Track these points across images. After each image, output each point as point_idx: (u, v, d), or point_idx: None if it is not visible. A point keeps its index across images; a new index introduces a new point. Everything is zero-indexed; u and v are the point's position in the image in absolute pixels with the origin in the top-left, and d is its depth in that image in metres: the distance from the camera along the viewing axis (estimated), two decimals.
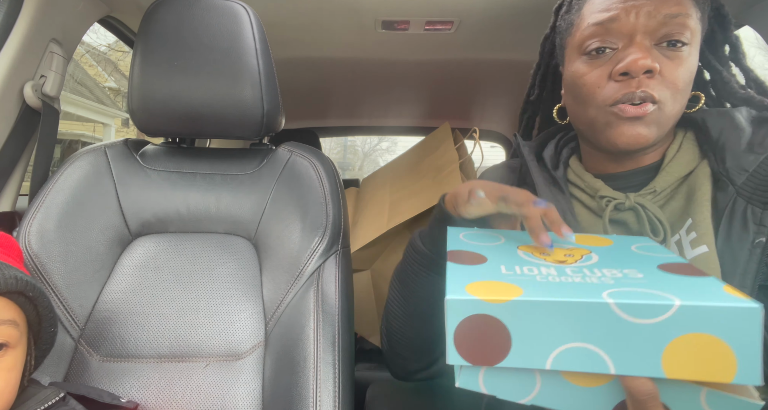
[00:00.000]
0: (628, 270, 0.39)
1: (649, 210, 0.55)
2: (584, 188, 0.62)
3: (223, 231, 0.78)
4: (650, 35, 0.52)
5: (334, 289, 0.73)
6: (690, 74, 0.52)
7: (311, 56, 1.37)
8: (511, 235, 0.51)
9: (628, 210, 0.57)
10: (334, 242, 0.76)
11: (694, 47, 0.53)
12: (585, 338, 0.33)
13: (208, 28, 0.75)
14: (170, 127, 0.79)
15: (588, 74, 0.56)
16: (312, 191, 0.78)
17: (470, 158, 1.43)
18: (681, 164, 0.57)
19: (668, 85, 0.52)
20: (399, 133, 2.37)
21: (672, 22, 0.51)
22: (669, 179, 0.57)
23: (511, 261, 0.43)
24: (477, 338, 0.35)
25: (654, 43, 0.52)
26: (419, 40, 1.25)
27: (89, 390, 0.55)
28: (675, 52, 0.52)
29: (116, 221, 0.76)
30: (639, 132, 0.53)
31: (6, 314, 0.46)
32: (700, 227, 0.52)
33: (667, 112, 0.53)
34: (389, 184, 1.53)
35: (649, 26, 0.52)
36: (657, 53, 0.52)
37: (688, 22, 0.51)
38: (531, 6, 1.02)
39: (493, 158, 1.82)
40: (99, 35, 8.97)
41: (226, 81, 0.75)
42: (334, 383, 0.67)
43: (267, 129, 0.79)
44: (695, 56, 0.53)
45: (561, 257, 0.43)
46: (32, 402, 0.48)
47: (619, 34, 0.53)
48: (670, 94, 0.52)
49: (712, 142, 0.56)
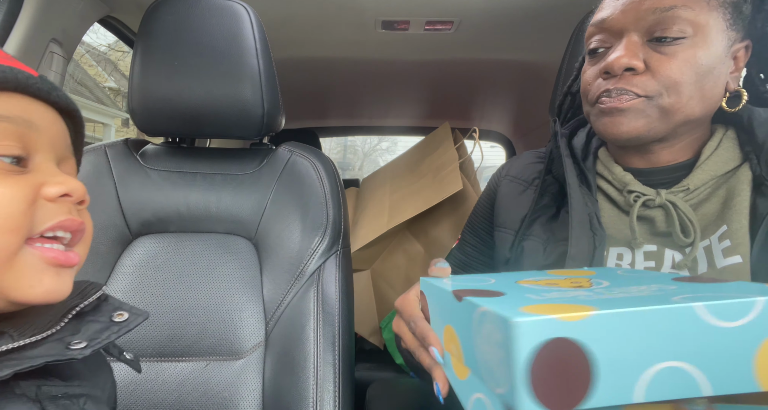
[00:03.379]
0: (656, 285, 0.35)
1: (680, 209, 0.53)
2: (612, 181, 0.59)
3: (223, 231, 0.78)
4: (642, 32, 0.51)
5: (335, 289, 0.73)
6: (696, 68, 0.50)
7: (311, 56, 1.37)
8: (500, 276, 0.44)
9: (658, 208, 0.55)
10: (334, 242, 0.76)
11: (703, 40, 0.50)
12: (675, 355, 0.28)
13: (209, 28, 0.75)
14: (170, 127, 0.79)
15: (586, 72, 0.57)
16: (312, 191, 0.78)
17: (470, 157, 1.43)
18: (719, 162, 0.54)
19: (662, 80, 0.50)
20: (399, 133, 2.37)
21: (664, 17, 0.49)
22: (704, 178, 0.54)
23: (530, 291, 0.35)
24: (557, 373, 0.27)
25: (647, 39, 0.51)
26: (419, 40, 1.25)
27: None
28: (669, 46, 0.50)
29: (116, 220, 0.76)
30: (621, 122, 0.53)
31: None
32: (736, 235, 0.50)
33: (665, 105, 0.51)
34: (389, 184, 1.53)
35: (640, 23, 0.51)
36: (648, 50, 0.51)
37: (687, 15, 0.49)
38: (531, 6, 1.02)
39: (493, 158, 1.83)
40: (99, 35, 8.97)
41: (227, 81, 0.75)
42: (334, 383, 0.67)
43: (267, 129, 0.79)
44: (707, 49, 0.50)
45: (571, 285, 0.38)
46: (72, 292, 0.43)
47: (611, 33, 0.54)
48: (667, 88, 0.50)
49: (756, 144, 0.53)
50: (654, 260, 0.55)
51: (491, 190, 0.73)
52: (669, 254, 0.54)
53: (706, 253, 0.52)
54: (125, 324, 0.40)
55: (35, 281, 0.34)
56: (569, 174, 0.59)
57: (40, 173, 0.35)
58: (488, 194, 0.74)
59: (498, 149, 2.17)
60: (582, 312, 0.27)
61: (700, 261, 0.52)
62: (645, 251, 0.55)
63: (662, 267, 0.54)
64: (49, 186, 0.35)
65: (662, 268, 0.54)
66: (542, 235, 0.62)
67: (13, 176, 0.33)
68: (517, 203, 0.67)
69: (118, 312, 0.41)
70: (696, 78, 0.50)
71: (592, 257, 0.56)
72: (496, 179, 0.74)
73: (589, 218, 0.57)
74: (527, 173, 0.69)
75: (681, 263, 0.53)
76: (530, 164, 0.71)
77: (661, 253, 0.54)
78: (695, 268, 0.52)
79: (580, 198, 0.58)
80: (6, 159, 0.33)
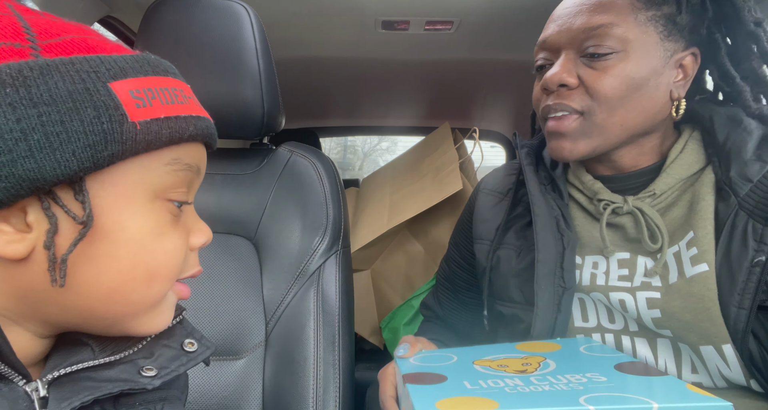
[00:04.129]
0: (590, 374, 0.40)
1: (647, 215, 0.54)
2: (583, 190, 0.61)
3: (223, 231, 0.78)
4: (575, 49, 0.54)
5: (335, 289, 0.73)
6: (628, 82, 0.52)
7: (311, 56, 1.37)
8: (463, 352, 0.49)
9: (627, 214, 0.56)
10: (334, 242, 0.76)
11: (634, 54, 0.52)
12: None
13: (209, 28, 0.75)
14: None
15: (535, 89, 0.60)
16: (312, 191, 0.78)
17: (470, 157, 1.43)
18: (683, 166, 0.55)
19: (594, 95, 0.53)
20: (399, 133, 2.37)
21: (593, 36, 0.52)
22: (669, 182, 0.55)
23: (473, 376, 0.41)
24: None
25: (581, 55, 0.54)
26: (419, 40, 1.25)
27: None
28: (600, 62, 0.52)
29: None
30: (563, 146, 0.55)
31: None
32: (702, 242, 0.50)
33: (599, 121, 0.53)
34: (389, 184, 1.53)
35: (574, 41, 0.54)
36: (582, 66, 0.54)
37: (614, 32, 0.51)
38: (531, 6, 1.02)
39: (493, 158, 1.83)
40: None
41: (227, 81, 0.75)
42: (334, 383, 0.67)
43: (267, 129, 0.79)
44: (639, 63, 0.52)
45: (520, 367, 0.43)
46: None
47: (551, 51, 0.57)
48: (599, 104, 0.52)
49: (718, 146, 0.54)
50: (627, 268, 0.55)
51: (470, 205, 0.75)
52: (641, 261, 0.55)
53: (676, 260, 0.53)
54: (194, 356, 0.39)
55: (164, 318, 0.36)
56: (530, 182, 0.62)
57: (188, 217, 0.37)
58: (467, 210, 0.76)
59: (498, 149, 2.17)
60: (485, 409, 0.32)
61: (671, 269, 0.52)
62: (618, 259, 0.56)
63: (635, 275, 0.55)
64: (196, 236, 0.37)
65: (635, 276, 0.55)
66: (515, 242, 0.64)
67: (175, 222, 0.34)
68: (493, 214, 0.69)
69: (189, 341, 0.40)
70: (628, 92, 0.52)
71: (561, 260, 0.56)
72: (474, 194, 0.76)
73: (556, 221, 0.58)
74: (502, 185, 0.71)
75: (651, 270, 0.53)
76: (506, 175, 0.73)
77: (634, 261, 0.55)
78: (666, 276, 0.53)
79: (542, 203, 0.60)
80: (177, 204, 0.34)
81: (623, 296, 0.54)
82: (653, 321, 0.52)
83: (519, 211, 0.66)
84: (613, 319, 0.56)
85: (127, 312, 0.33)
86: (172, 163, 0.32)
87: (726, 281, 0.48)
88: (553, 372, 0.41)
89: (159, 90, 0.31)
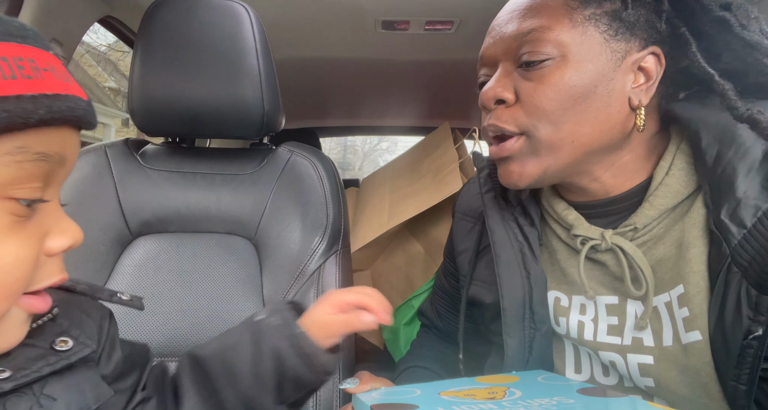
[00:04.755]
0: (558, 398, 0.39)
1: (629, 255, 0.47)
2: (558, 220, 0.53)
3: (223, 231, 0.78)
4: (511, 60, 0.48)
5: (335, 289, 0.73)
6: (570, 90, 0.45)
7: (311, 56, 1.37)
8: (425, 386, 0.46)
9: (608, 251, 0.49)
10: (334, 242, 0.76)
11: (574, 58, 0.45)
12: None
13: (209, 28, 0.75)
14: (170, 127, 0.79)
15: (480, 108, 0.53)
16: (312, 191, 0.78)
17: (470, 157, 1.43)
18: (668, 194, 0.47)
19: (531, 112, 0.46)
20: (399, 133, 2.38)
21: (525, 42, 0.46)
22: (652, 214, 0.47)
23: (444, 404, 0.39)
24: None
25: (516, 66, 0.48)
26: (419, 40, 1.25)
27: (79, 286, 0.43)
28: (535, 71, 0.46)
29: (116, 220, 0.76)
30: (511, 170, 0.48)
31: None
32: (693, 303, 0.43)
33: (543, 138, 0.46)
34: (389, 184, 1.53)
35: (508, 52, 0.48)
36: (518, 78, 0.47)
37: (545, 35, 0.45)
38: None
39: None
40: (99, 35, 8.97)
41: (227, 81, 0.75)
42: (333, 383, 0.67)
43: (267, 129, 0.79)
44: (580, 68, 0.45)
45: (487, 395, 0.41)
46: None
47: (489, 65, 0.51)
48: (538, 119, 0.46)
49: (707, 169, 0.44)
50: (616, 316, 0.49)
51: (452, 229, 0.69)
52: (631, 309, 0.48)
53: (668, 313, 0.46)
54: (67, 355, 0.34)
55: (12, 336, 0.30)
56: (489, 215, 0.55)
57: (45, 216, 0.30)
58: (451, 233, 0.70)
59: None
60: None
61: (665, 326, 0.46)
62: (606, 304, 0.50)
63: (625, 327, 0.48)
64: (53, 239, 0.30)
65: (625, 328, 0.48)
66: (487, 279, 0.58)
67: (20, 225, 0.28)
68: (466, 244, 0.64)
69: (62, 339, 0.34)
70: (570, 102, 0.45)
71: (530, 301, 0.51)
72: (453, 216, 0.69)
73: (522, 256, 0.52)
74: (474, 207, 0.64)
75: (639, 323, 0.46)
76: (478, 193, 0.62)
77: (623, 308, 0.49)
78: (660, 333, 0.46)
79: (505, 239, 0.53)
80: (24, 202, 0.28)
81: (614, 357, 0.48)
82: (647, 388, 0.47)
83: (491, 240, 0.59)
84: (608, 373, 0.50)
85: None
86: (14, 153, 0.27)
87: (721, 352, 0.41)
88: (522, 397, 0.40)
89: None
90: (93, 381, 0.36)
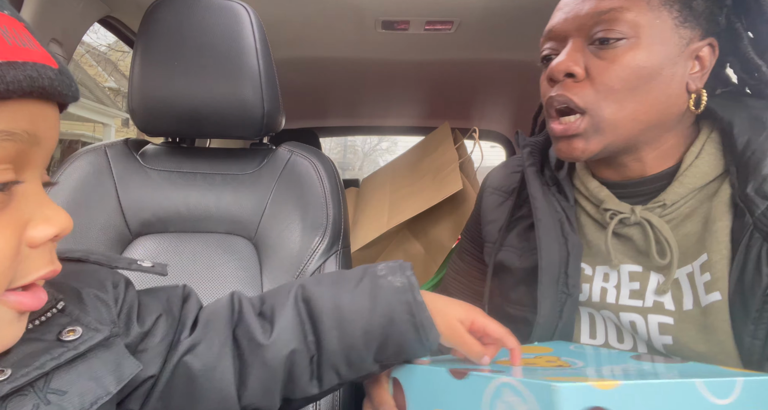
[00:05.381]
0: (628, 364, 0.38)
1: (656, 228, 0.50)
2: (589, 196, 0.57)
3: (223, 231, 0.78)
4: (584, 36, 0.51)
5: None
6: (639, 71, 0.48)
7: (311, 56, 1.37)
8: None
9: (635, 225, 0.53)
10: (334, 242, 0.76)
11: (646, 41, 0.48)
12: None
13: (209, 27, 0.75)
14: (170, 127, 0.79)
15: (542, 82, 0.56)
16: (312, 191, 0.78)
17: (470, 157, 1.43)
18: (698, 174, 0.51)
19: (600, 90, 0.49)
20: (399, 133, 2.38)
21: (603, 19, 0.48)
22: (681, 192, 0.51)
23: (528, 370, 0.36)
24: None
25: (589, 43, 0.50)
26: (419, 40, 1.25)
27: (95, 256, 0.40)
28: (609, 50, 0.49)
29: (116, 220, 0.76)
30: (575, 146, 0.51)
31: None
32: (716, 268, 0.47)
33: (607, 117, 0.49)
34: (389, 184, 1.53)
35: (582, 28, 0.50)
36: (590, 55, 0.50)
37: (623, 16, 0.48)
38: (531, 6, 1.02)
39: (492, 158, 1.83)
40: (99, 35, 8.97)
41: (227, 81, 0.75)
42: None
43: (267, 129, 0.79)
44: (651, 51, 0.48)
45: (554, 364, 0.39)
46: None
47: (558, 40, 0.54)
48: (605, 98, 0.49)
49: (736, 154, 0.49)
50: (638, 281, 0.52)
51: (478, 201, 0.73)
52: (654, 277, 0.52)
53: (690, 282, 0.49)
54: (74, 346, 0.31)
55: (3, 337, 0.28)
56: (532, 185, 0.59)
57: (24, 203, 0.27)
58: (476, 208, 0.74)
59: (498, 149, 2.17)
60: (612, 382, 0.28)
61: (686, 293, 0.50)
62: (630, 272, 0.53)
63: (647, 291, 0.51)
64: (35, 228, 0.27)
65: (647, 292, 0.51)
66: (518, 245, 0.61)
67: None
68: (496, 215, 0.67)
69: (69, 329, 0.32)
70: (639, 82, 0.48)
71: (566, 266, 0.53)
72: (481, 191, 0.73)
73: (560, 225, 0.55)
74: (507, 184, 0.69)
75: (661, 288, 0.50)
76: (511, 173, 0.69)
77: (646, 275, 0.52)
78: (680, 300, 0.50)
79: (545, 206, 0.56)
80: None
81: (634, 317, 0.51)
82: (664, 346, 0.50)
83: (523, 212, 0.64)
84: (622, 339, 0.53)
85: None
86: None
87: (739, 309, 0.45)
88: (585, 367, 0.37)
89: None
90: (111, 362, 0.33)
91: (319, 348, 0.40)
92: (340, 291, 0.41)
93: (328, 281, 0.43)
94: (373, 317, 0.39)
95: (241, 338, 0.41)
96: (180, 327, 0.41)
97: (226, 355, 0.40)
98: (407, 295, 0.40)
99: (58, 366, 0.30)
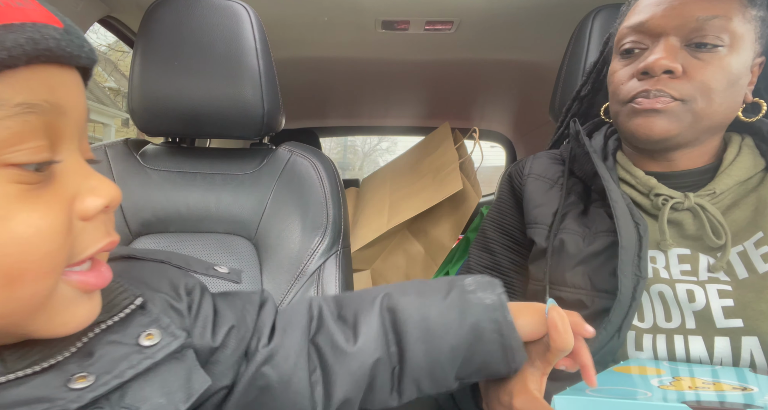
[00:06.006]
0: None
1: (709, 212, 0.54)
2: (635, 185, 0.60)
3: (223, 231, 0.78)
4: (681, 36, 0.53)
5: (335, 289, 0.73)
6: (728, 76, 0.52)
7: (311, 56, 1.37)
8: (636, 385, 0.40)
9: (685, 211, 0.56)
10: (334, 242, 0.76)
11: (737, 49, 0.52)
12: None
13: (209, 28, 0.75)
14: (170, 127, 0.79)
15: (618, 72, 0.58)
16: (312, 191, 0.78)
17: (470, 157, 1.43)
18: (741, 168, 0.56)
19: (697, 85, 0.52)
20: (399, 133, 2.37)
21: (706, 25, 0.51)
22: (728, 182, 0.55)
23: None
24: None
25: (685, 44, 0.53)
26: (419, 40, 1.25)
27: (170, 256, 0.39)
28: (705, 53, 0.52)
29: (116, 220, 0.76)
30: (655, 123, 0.54)
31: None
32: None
33: (697, 110, 0.52)
34: (389, 184, 1.53)
35: (681, 28, 0.52)
36: (686, 54, 0.53)
37: (726, 24, 0.51)
38: (531, 6, 1.02)
39: (493, 158, 1.83)
40: (99, 35, 8.98)
41: (227, 81, 0.75)
42: None
43: (267, 129, 0.79)
44: (739, 59, 0.52)
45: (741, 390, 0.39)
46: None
47: (649, 35, 0.55)
48: (701, 93, 0.52)
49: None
50: (689, 263, 0.55)
51: (515, 189, 0.73)
52: (704, 258, 0.54)
53: (742, 259, 0.53)
54: (151, 353, 0.29)
55: (69, 317, 0.26)
56: (601, 168, 0.60)
57: (67, 178, 0.26)
58: (512, 194, 0.73)
59: (498, 149, 2.17)
60: None
61: (738, 268, 0.53)
62: (679, 254, 0.56)
63: (699, 270, 0.54)
64: (83, 201, 0.26)
65: (699, 271, 0.54)
66: (577, 229, 0.62)
67: (37, 192, 0.24)
68: (546, 199, 0.68)
69: (148, 332, 0.30)
70: (726, 85, 0.52)
71: (639, 248, 0.55)
72: (518, 179, 0.73)
73: (629, 209, 0.57)
74: (550, 172, 0.70)
75: (715, 265, 0.53)
76: (552, 163, 0.71)
77: (696, 257, 0.55)
78: (734, 273, 0.52)
79: (617, 189, 0.58)
80: (30, 167, 0.23)
81: (692, 287, 0.53)
82: (724, 310, 0.51)
83: (572, 199, 0.65)
84: (670, 317, 0.54)
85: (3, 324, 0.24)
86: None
87: None
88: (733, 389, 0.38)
89: None
90: (183, 375, 0.31)
91: (402, 360, 0.39)
92: (427, 303, 0.40)
93: (414, 291, 0.42)
94: (461, 333, 0.38)
95: (322, 344, 0.39)
96: (256, 335, 0.39)
97: (302, 366, 0.38)
98: (497, 313, 0.39)
99: (136, 375, 0.28)
